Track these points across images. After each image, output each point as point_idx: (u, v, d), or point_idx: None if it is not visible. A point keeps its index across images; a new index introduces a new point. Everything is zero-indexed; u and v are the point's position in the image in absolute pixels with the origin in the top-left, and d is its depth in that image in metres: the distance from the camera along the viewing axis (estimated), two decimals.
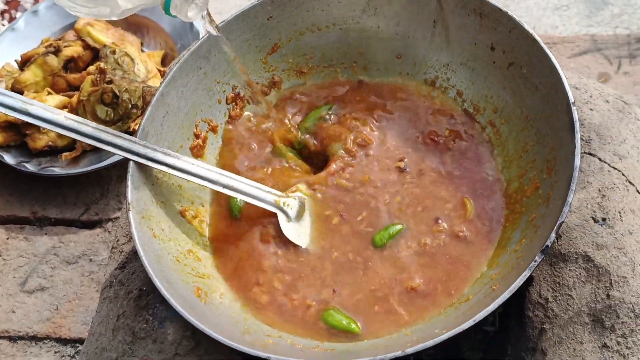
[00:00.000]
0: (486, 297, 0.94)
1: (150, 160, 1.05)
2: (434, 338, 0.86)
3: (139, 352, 1.03)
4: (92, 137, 1.04)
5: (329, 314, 1.01)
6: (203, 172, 1.07)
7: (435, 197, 1.10)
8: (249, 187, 1.09)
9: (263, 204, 1.10)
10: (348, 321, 1.01)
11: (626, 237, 1.00)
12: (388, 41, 1.21)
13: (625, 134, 1.12)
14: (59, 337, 1.54)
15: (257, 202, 1.09)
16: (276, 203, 1.10)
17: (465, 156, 1.13)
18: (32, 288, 1.60)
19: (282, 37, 1.21)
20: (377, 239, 1.06)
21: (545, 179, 1.01)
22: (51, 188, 1.73)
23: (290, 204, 1.10)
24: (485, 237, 1.05)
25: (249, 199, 1.09)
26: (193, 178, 1.06)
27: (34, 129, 1.71)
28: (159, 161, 1.05)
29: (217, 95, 1.19)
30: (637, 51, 1.83)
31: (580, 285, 0.99)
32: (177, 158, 1.06)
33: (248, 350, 0.89)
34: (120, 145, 1.04)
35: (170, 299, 0.92)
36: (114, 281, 1.13)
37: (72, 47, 1.81)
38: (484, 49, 1.14)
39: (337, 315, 1.01)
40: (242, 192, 1.09)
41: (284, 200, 1.10)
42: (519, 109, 1.10)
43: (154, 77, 1.78)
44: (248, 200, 1.09)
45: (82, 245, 1.65)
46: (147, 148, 1.05)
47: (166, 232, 1.06)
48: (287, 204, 1.10)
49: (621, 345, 0.97)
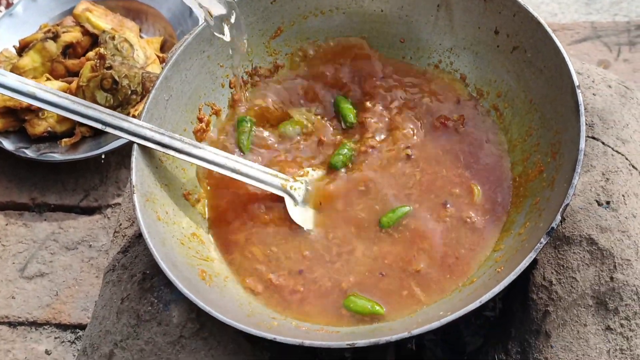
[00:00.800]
0: (491, 279, 0.95)
1: (158, 145, 1.05)
2: (440, 320, 0.86)
3: (143, 334, 1.03)
4: (98, 120, 1.04)
5: (350, 301, 1.01)
6: (210, 156, 1.07)
7: (443, 181, 1.10)
8: (256, 170, 1.09)
9: (270, 188, 1.10)
10: (372, 304, 1.01)
11: (630, 220, 1.01)
12: (391, 25, 1.21)
13: (627, 118, 1.12)
14: (59, 323, 1.54)
15: (264, 186, 1.09)
16: (283, 187, 1.10)
17: (472, 140, 1.13)
18: (31, 274, 1.60)
19: (285, 21, 1.21)
20: (383, 221, 1.07)
21: (550, 163, 1.01)
22: (50, 174, 1.73)
23: (297, 188, 1.10)
24: (492, 222, 1.05)
25: (256, 182, 1.09)
26: (200, 162, 1.07)
27: (32, 114, 1.71)
28: (167, 145, 1.05)
29: (220, 79, 1.18)
30: (637, 38, 1.84)
31: (584, 268, 0.99)
32: (184, 142, 1.06)
33: (254, 332, 0.89)
34: (127, 128, 1.04)
35: (176, 281, 0.92)
36: (117, 265, 1.13)
37: (71, 32, 1.80)
38: (487, 33, 1.14)
39: (360, 300, 1.01)
40: (249, 176, 1.09)
41: (290, 184, 1.10)
42: (523, 92, 1.10)
43: (152, 63, 1.78)
44: (255, 184, 1.09)
45: (81, 231, 1.65)
46: (155, 132, 1.05)
47: (170, 215, 1.06)
48: (294, 187, 1.10)
49: (624, 327, 0.98)
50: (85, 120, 1.03)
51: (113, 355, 1.04)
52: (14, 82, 1.01)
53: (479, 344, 1.13)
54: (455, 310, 0.87)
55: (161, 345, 1.02)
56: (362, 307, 1.00)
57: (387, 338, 0.86)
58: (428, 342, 1.15)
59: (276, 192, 1.10)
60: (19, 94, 1.01)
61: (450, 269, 1.02)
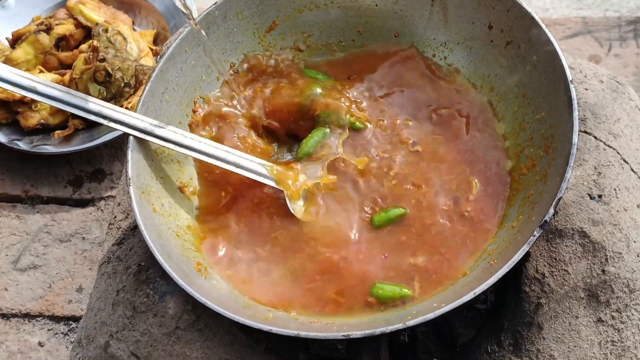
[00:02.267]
0: (484, 272, 0.95)
1: (155, 137, 1.05)
2: (434, 311, 0.87)
3: (139, 326, 1.03)
4: (97, 114, 1.04)
5: (378, 288, 1.01)
6: (207, 148, 1.08)
7: (440, 175, 1.10)
8: (255, 164, 1.10)
9: (270, 182, 1.10)
10: (400, 288, 1.01)
11: (621, 214, 1.02)
12: (386, 19, 1.21)
13: (619, 113, 1.13)
14: (52, 315, 1.54)
15: (263, 180, 1.10)
16: (278, 180, 1.10)
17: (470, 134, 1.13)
18: (24, 266, 1.60)
19: (280, 15, 1.21)
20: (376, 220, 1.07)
21: (543, 156, 1.02)
22: (43, 166, 1.73)
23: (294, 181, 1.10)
24: (488, 216, 1.05)
25: (255, 176, 1.09)
26: (197, 154, 1.07)
27: (25, 107, 1.71)
28: (164, 137, 1.06)
29: (216, 72, 1.19)
30: (627, 34, 1.85)
31: (576, 261, 1.00)
32: (181, 135, 1.06)
33: (250, 323, 0.89)
34: (125, 121, 1.05)
35: (172, 272, 0.93)
36: (112, 257, 1.14)
37: (64, 25, 1.80)
38: (481, 28, 1.14)
39: (388, 286, 1.01)
40: (249, 170, 1.09)
41: (287, 177, 1.10)
42: (516, 87, 1.11)
43: (146, 56, 1.78)
44: (254, 177, 1.09)
45: (74, 224, 1.65)
46: (152, 124, 1.05)
47: (166, 207, 1.06)
48: (290, 179, 1.10)
49: (615, 319, 0.99)
50: (84, 114, 1.03)
51: (108, 346, 1.05)
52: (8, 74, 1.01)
53: (471, 336, 1.13)
54: (449, 302, 0.87)
55: (157, 336, 1.02)
56: (392, 292, 1.00)
57: (382, 329, 0.87)
58: (420, 334, 1.16)
59: (276, 186, 1.10)
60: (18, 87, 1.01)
61: (448, 263, 1.03)
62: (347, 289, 1.02)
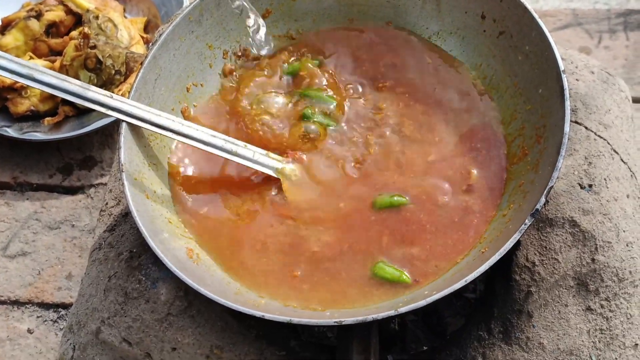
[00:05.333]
0: (475, 260, 0.96)
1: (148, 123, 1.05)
2: (426, 298, 0.87)
3: (131, 312, 1.03)
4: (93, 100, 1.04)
5: (379, 267, 1.01)
6: (201, 135, 1.07)
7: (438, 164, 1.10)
8: (253, 153, 1.10)
9: (267, 170, 1.10)
10: (399, 273, 1.01)
11: (611, 204, 1.03)
12: (379, 8, 1.21)
13: (609, 104, 1.14)
14: (42, 302, 1.54)
15: (261, 168, 1.09)
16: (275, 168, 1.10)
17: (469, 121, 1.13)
18: (13, 253, 1.60)
19: (274, 2, 1.21)
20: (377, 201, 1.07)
21: (534, 146, 1.02)
22: (33, 153, 1.72)
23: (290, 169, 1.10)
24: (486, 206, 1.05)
25: (252, 164, 1.09)
26: (190, 141, 1.07)
27: (15, 93, 1.70)
28: (157, 124, 1.05)
29: (209, 59, 1.19)
30: (617, 26, 1.86)
31: (566, 250, 1.01)
32: (175, 121, 1.06)
33: (241, 309, 0.89)
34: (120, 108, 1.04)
35: (165, 258, 0.93)
36: (103, 243, 1.14)
37: (54, 11, 1.79)
38: (474, 18, 1.15)
39: (389, 267, 1.01)
40: (246, 158, 1.09)
41: (283, 165, 1.10)
42: (508, 77, 1.11)
43: (136, 43, 1.77)
44: (251, 166, 1.09)
45: (64, 211, 1.65)
46: (145, 110, 1.05)
47: (158, 193, 1.06)
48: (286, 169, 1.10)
49: (604, 308, 1.00)
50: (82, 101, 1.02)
51: (100, 332, 1.05)
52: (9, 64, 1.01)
53: (460, 324, 1.14)
54: (440, 290, 0.88)
55: (149, 322, 1.03)
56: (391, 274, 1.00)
57: (374, 316, 0.87)
58: (410, 322, 1.17)
59: (274, 175, 1.10)
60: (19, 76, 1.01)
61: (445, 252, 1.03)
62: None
